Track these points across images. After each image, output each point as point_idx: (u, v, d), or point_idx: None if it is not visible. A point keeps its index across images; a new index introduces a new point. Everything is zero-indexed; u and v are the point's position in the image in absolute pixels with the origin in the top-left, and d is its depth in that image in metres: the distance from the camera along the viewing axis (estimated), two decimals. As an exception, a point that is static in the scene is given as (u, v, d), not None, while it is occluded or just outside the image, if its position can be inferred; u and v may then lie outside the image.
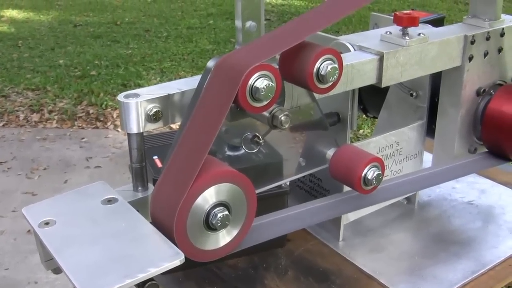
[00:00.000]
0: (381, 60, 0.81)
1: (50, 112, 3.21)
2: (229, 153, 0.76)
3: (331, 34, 0.89)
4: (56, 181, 2.45)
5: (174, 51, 4.27)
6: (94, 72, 3.78)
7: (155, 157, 0.90)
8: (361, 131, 2.82)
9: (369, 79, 0.82)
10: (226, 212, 0.60)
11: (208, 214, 0.60)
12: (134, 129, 0.66)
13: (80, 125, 3.07)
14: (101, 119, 3.10)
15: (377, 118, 1.10)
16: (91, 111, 3.22)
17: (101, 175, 2.46)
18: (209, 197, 0.60)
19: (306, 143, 0.82)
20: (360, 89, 0.96)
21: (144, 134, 0.68)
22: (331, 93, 0.75)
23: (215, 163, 0.61)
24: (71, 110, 3.20)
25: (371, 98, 1.07)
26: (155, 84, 3.65)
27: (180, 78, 3.79)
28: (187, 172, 0.59)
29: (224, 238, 0.62)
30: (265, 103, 0.61)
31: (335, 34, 0.92)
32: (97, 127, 3.05)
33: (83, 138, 2.90)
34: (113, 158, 2.78)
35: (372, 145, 0.94)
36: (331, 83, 0.68)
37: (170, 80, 3.71)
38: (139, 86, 3.57)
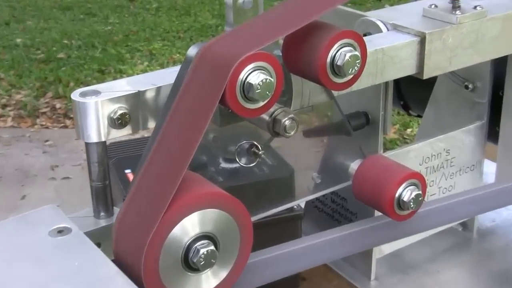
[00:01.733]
0: (422, 43, 0.80)
1: (3, 106, 3.26)
2: (224, 165, 0.76)
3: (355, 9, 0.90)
4: (11, 197, 2.48)
5: (166, 27, 4.31)
6: (63, 55, 3.83)
7: (127, 171, 0.90)
8: (409, 130, 2.82)
9: (407, 69, 0.81)
10: (212, 247, 0.59)
11: (187, 249, 0.59)
12: (93, 138, 0.66)
13: (43, 123, 3.12)
14: (71, 116, 3.13)
15: (422, 117, 1.10)
16: (58, 106, 3.26)
17: (70, 189, 2.49)
18: (189, 227, 0.59)
19: (322, 153, 0.81)
20: (399, 80, 0.95)
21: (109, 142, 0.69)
22: (354, 88, 0.74)
23: (197, 182, 0.61)
24: (32, 104, 3.25)
25: (414, 91, 1.06)
26: (141, 71, 3.68)
27: (174, 62, 3.83)
28: (160, 193, 0.58)
29: (209, 281, 0.61)
30: (261, 104, 0.61)
31: (363, 9, 0.91)
32: (65, 126, 3.08)
33: (47, 141, 2.94)
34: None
35: (413, 154, 0.93)
36: (351, 76, 0.68)
37: (161, 65, 3.76)
38: (121, 73, 3.60)
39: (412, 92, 1.07)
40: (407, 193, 0.73)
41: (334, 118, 0.79)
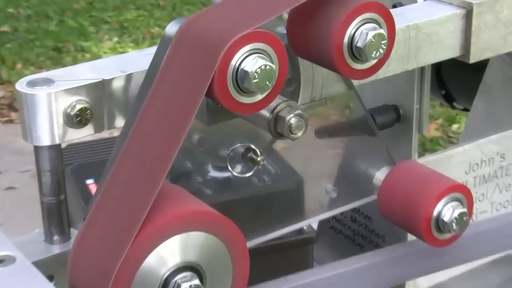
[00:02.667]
0: (468, 16, 0.80)
1: None
2: (213, 175, 0.77)
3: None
4: None
5: (142, -9, 4.31)
6: (7, 28, 3.84)
7: (89, 182, 0.91)
8: (455, 126, 2.82)
9: (448, 51, 0.82)
10: (197, 281, 0.59)
11: (165, 284, 0.59)
12: (44, 140, 0.66)
13: (-19, 117, 3.13)
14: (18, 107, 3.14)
15: (469, 111, 1.10)
16: (0, 94, 3.27)
17: (16, 202, 2.50)
18: (167, 255, 0.59)
19: (339, 159, 0.82)
20: (440, 64, 0.95)
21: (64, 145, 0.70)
22: (380, 75, 0.74)
23: (178, 196, 0.62)
24: (-34, 93, 3.26)
25: (459, 78, 1.07)
26: (110, 49, 3.69)
27: (152, 38, 3.83)
28: (131, 211, 0.59)
29: (193, 325, 0.61)
30: (260, 97, 0.62)
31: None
32: (10, 121, 3.09)
33: (-14, 140, 2.95)
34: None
35: (457, 159, 0.93)
36: (376, 60, 0.68)
37: (135, 42, 3.76)
38: (83, 52, 3.61)
39: (456, 79, 1.07)
40: (448, 211, 0.73)
41: (354, 114, 0.80)
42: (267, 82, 0.61)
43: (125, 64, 0.70)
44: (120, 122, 0.70)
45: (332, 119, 0.80)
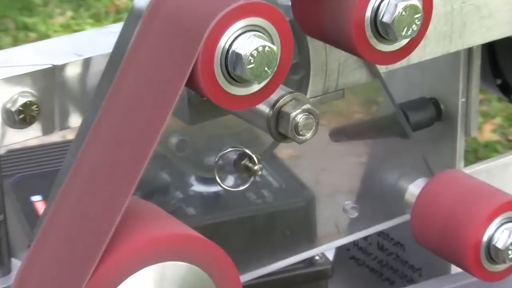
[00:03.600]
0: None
1: None
2: (197, 189, 0.77)
3: None
4: None
5: None
6: None
7: (35, 199, 0.91)
8: (518, 125, 2.82)
9: (504, 27, 0.82)
10: None
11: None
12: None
13: None
14: None
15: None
16: None
17: None
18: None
19: (362, 168, 0.83)
20: (494, 45, 0.96)
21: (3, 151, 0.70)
22: (414, 59, 0.75)
23: (151, 216, 0.63)
24: None
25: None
26: (61, 27, 3.69)
27: (117, 11, 3.84)
28: (88, 235, 0.60)
29: None
30: (257, 87, 0.62)
31: None
32: None
33: None
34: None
35: (514, 169, 0.95)
36: (407, 39, 0.68)
37: (96, 18, 3.77)
38: (27, 31, 3.61)
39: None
40: (502, 235, 0.74)
41: (380, 110, 0.80)
42: (266, 68, 0.61)
43: (82, 46, 0.71)
44: (75, 121, 0.71)
45: (352, 117, 0.80)
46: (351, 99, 0.78)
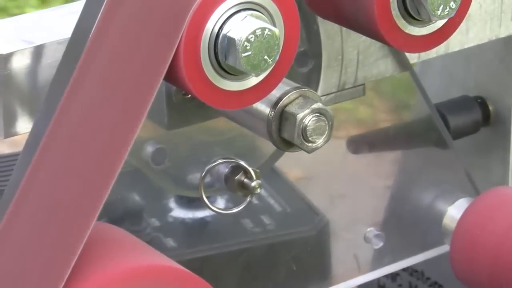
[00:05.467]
0: None
1: None
2: (179, 213, 0.76)
3: None
4: None
5: None
6: None
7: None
8: None
9: None
10: None
11: None
12: None
13: None
14: None
15: None
16: None
17: None
18: None
19: (388, 186, 0.81)
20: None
21: None
22: (454, 46, 0.74)
23: (122, 245, 0.64)
24: None
25: None
26: (35, 9, 3.70)
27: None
28: (40, 270, 0.61)
29: None
30: (254, 81, 0.62)
31: None
32: None
33: None
34: None
35: None
36: (444, 21, 0.68)
37: (43, 0, 3.79)
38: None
39: None
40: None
41: (412, 112, 0.79)
42: (266, 57, 0.60)
43: (34, 29, 0.70)
44: (24, 125, 0.70)
45: (376, 121, 0.79)
46: (374, 97, 0.77)
